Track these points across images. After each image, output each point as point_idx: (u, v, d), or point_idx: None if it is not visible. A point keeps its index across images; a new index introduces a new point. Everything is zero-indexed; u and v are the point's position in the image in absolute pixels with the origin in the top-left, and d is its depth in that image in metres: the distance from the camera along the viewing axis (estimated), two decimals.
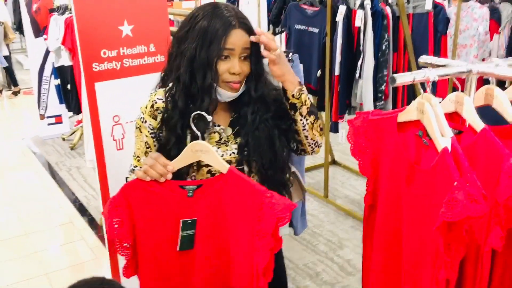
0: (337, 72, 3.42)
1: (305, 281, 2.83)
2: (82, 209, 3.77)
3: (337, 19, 3.35)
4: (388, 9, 3.29)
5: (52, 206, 3.86)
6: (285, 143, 1.49)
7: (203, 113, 1.34)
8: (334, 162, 4.40)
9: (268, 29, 4.44)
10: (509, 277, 1.26)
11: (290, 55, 2.36)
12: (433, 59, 1.42)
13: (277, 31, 4.25)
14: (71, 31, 4.18)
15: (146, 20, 2.12)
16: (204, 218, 1.37)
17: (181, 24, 1.45)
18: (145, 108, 1.46)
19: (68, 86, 4.73)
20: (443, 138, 1.17)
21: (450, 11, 3.54)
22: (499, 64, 1.30)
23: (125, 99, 2.11)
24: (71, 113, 5.24)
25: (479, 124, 1.22)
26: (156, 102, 1.44)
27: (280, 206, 1.24)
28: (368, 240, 1.49)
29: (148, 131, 1.45)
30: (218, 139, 1.46)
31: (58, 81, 4.97)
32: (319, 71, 3.59)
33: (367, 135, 1.41)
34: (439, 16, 3.43)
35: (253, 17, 4.19)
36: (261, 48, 1.39)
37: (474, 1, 3.56)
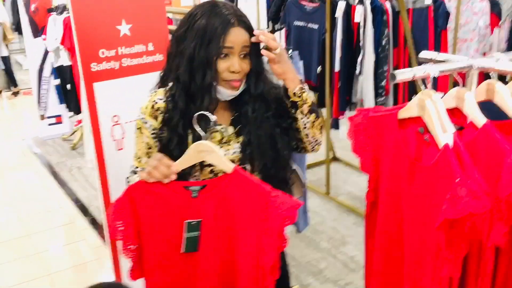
0: (337, 68, 3.42)
1: (308, 279, 2.82)
2: (83, 209, 3.77)
3: (336, 15, 3.33)
4: (387, 4, 3.27)
5: (53, 207, 3.86)
6: (286, 141, 1.48)
7: (207, 113, 1.32)
8: (335, 159, 4.38)
9: (268, 26, 4.42)
10: None
11: (289, 52, 2.36)
12: (433, 54, 1.40)
13: (276, 28, 4.24)
14: (70, 31, 4.17)
15: (144, 19, 2.11)
16: (209, 219, 1.36)
17: (179, 23, 1.44)
18: (146, 108, 1.44)
19: (68, 86, 4.74)
20: (444, 134, 1.16)
21: (450, 5, 3.52)
22: (500, 58, 1.29)
23: (124, 99, 2.10)
24: (71, 113, 5.23)
25: (480, 120, 1.21)
26: (156, 102, 1.43)
27: (286, 206, 1.24)
28: (370, 237, 1.48)
29: (149, 132, 1.44)
30: (220, 138, 1.45)
31: (57, 81, 4.98)
32: (319, 67, 3.59)
33: (367, 132, 1.40)
34: (439, 11, 3.41)
35: (252, 14, 4.18)
36: (261, 47, 1.38)
37: None
